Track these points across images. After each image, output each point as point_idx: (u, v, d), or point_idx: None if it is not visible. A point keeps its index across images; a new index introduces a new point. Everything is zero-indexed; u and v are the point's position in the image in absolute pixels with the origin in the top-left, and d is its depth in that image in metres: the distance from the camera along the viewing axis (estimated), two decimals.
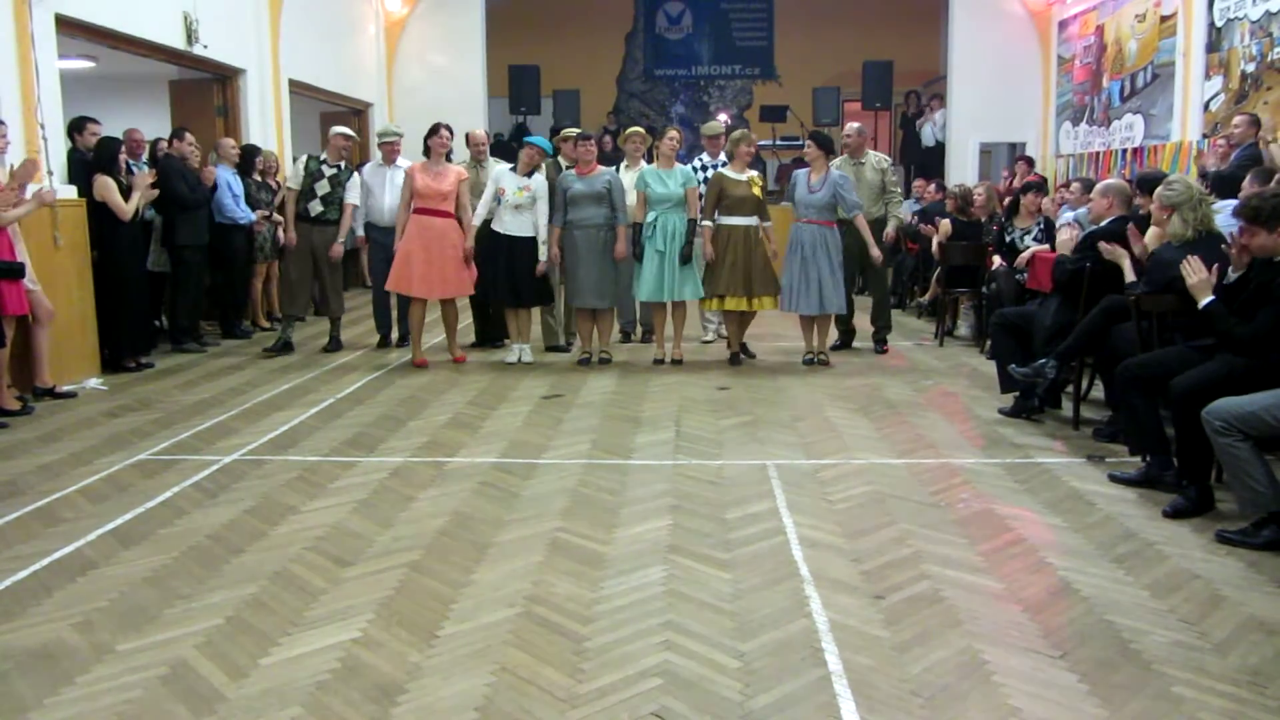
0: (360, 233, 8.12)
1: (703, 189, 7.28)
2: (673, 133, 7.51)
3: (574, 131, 7.82)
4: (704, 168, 7.90)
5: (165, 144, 8.33)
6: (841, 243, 7.17)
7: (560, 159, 7.90)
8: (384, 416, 5.87)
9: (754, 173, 7.24)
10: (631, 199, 7.31)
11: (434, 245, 7.09)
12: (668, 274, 7.13)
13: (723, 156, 7.82)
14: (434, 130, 7.33)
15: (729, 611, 3.18)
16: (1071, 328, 5.23)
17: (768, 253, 7.11)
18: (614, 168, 7.66)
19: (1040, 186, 7.92)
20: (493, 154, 8.42)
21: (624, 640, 2.99)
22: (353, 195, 7.82)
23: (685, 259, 7.13)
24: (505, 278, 7.21)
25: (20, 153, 6.37)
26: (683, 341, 7.49)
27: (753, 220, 7.06)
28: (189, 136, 8.25)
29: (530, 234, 7.16)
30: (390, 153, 7.96)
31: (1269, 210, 3.90)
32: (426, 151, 7.36)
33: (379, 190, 7.91)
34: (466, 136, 8.21)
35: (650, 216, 7.18)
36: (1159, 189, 4.66)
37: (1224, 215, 5.53)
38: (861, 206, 7.25)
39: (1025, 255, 7.06)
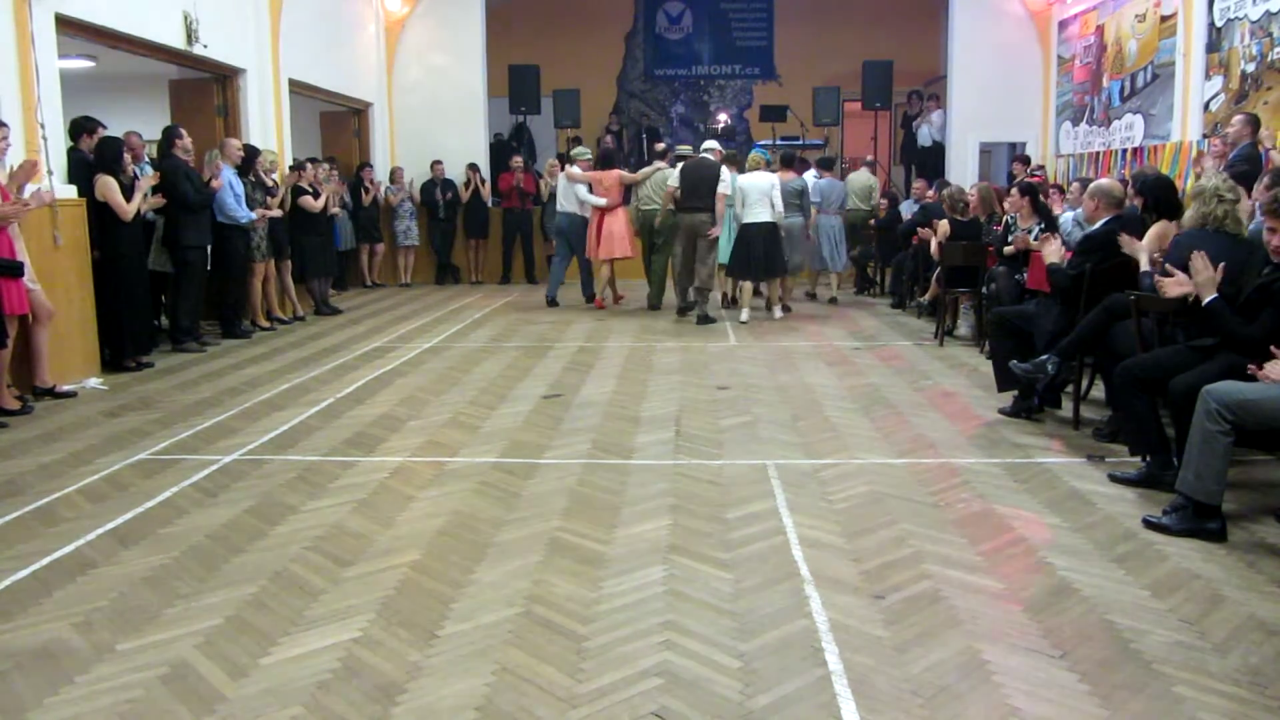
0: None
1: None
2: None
3: (687, 148, 10.89)
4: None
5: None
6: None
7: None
8: (384, 416, 5.87)
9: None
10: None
11: (604, 225, 10.14)
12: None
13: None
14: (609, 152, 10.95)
15: (729, 611, 3.18)
16: (1072, 329, 5.23)
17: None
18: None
19: (1033, 188, 7.90)
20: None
21: (624, 640, 2.99)
22: (723, 187, 9.36)
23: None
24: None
25: (20, 153, 6.37)
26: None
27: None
28: (185, 135, 8.20)
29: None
30: (585, 165, 10.55)
31: None
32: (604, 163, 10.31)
33: (570, 190, 10.59)
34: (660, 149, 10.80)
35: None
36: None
37: None
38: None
39: (1014, 242, 7.15)
